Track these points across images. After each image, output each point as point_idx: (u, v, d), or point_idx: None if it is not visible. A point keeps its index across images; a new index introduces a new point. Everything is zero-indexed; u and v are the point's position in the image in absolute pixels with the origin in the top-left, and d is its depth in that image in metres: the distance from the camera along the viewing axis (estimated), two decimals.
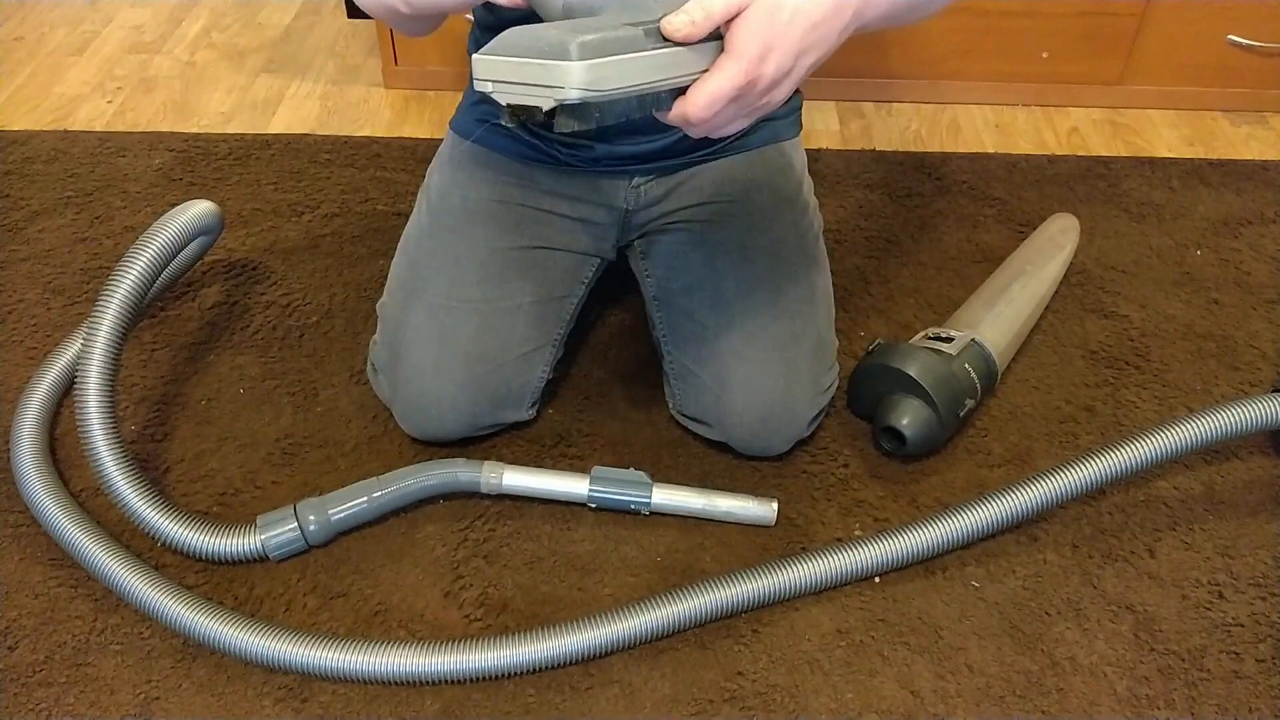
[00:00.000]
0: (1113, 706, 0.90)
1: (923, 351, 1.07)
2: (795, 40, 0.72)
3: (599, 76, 0.69)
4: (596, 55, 0.69)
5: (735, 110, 0.74)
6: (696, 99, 0.73)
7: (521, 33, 0.71)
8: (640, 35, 0.71)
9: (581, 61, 0.68)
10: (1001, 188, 1.50)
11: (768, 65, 0.72)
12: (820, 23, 0.73)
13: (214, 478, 1.07)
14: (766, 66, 0.72)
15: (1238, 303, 1.31)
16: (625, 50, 0.70)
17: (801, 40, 0.73)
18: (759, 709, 0.89)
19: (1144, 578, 1.00)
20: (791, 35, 0.72)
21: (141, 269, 1.01)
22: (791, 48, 0.72)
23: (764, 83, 0.73)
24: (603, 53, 0.69)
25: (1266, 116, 1.68)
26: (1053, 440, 1.13)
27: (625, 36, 0.70)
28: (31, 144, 1.55)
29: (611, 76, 0.70)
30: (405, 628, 0.94)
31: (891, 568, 0.98)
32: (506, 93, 0.72)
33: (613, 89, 0.70)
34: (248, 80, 1.74)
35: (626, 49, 0.70)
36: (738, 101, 0.73)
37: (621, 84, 0.70)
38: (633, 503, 1.01)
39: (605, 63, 0.69)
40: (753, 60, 0.71)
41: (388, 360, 1.07)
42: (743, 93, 0.73)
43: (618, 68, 0.70)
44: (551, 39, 0.69)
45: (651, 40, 0.72)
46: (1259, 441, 1.13)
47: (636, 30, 0.71)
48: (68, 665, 0.91)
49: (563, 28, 0.71)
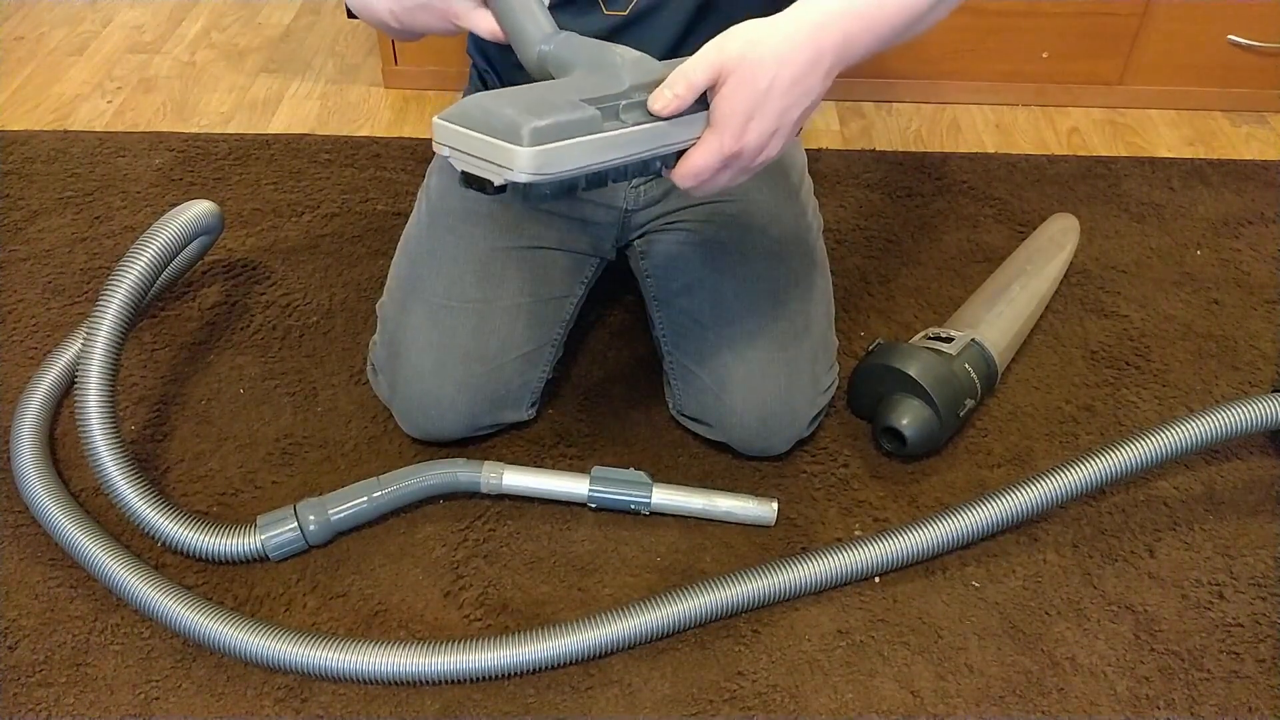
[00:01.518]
0: (1113, 706, 0.90)
1: (923, 351, 1.07)
2: (776, 103, 0.73)
3: (548, 161, 0.70)
4: (548, 140, 0.69)
5: (731, 175, 0.77)
6: (684, 172, 0.76)
7: (483, 103, 0.72)
8: (597, 117, 0.71)
9: (531, 147, 0.69)
10: (1001, 188, 1.50)
11: (751, 133, 0.74)
12: (800, 78, 0.74)
13: (214, 478, 1.07)
14: (750, 135, 0.74)
15: (1238, 303, 1.31)
16: (580, 133, 0.71)
17: (783, 100, 0.74)
18: (759, 709, 0.89)
19: (1144, 578, 1.00)
20: (772, 99, 0.73)
21: (142, 269, 1.01)
22: (774, 110, 0.74)
23: (751, 148, 0.75)
24: (555, 137, 0.70)
25: (1266, 116, 1.68)
26: (1053, 440, 1.13)
27: (582, 119, 0.71)
28: (31, 144, 1.55)
29: (563, 159, 0.70)
30: (405, 628, 0.94)
31: (891, 568, 0.98)
32: (460, 160, 0.73)
33: (564, 171, 0.71)
34: (247, 80, 1.74)
35: (581, 131, 0.71)
36: (730, 168, 0.76)
37: (574, 165, 0.71)
38: (633, 503, 1.01)
39: (556, 148, 0.70)
40: (734, 133, 0.73)
41: (387, 360, 1.07)
42: (730, 161, 0.75)
43: (571, 151, 0.71)
44: (506, 118, 0.69)
45: (611, 119, 0.72)
46: (1259, 441, 1.13)
47: (594, 112, 0.71)
48: (68, 665, 0.91)
49: (521, 104, 0.71)
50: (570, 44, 0.79)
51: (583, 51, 0.78)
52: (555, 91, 0.74)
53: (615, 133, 0.72)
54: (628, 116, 0.73)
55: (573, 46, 0.78)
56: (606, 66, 0.75)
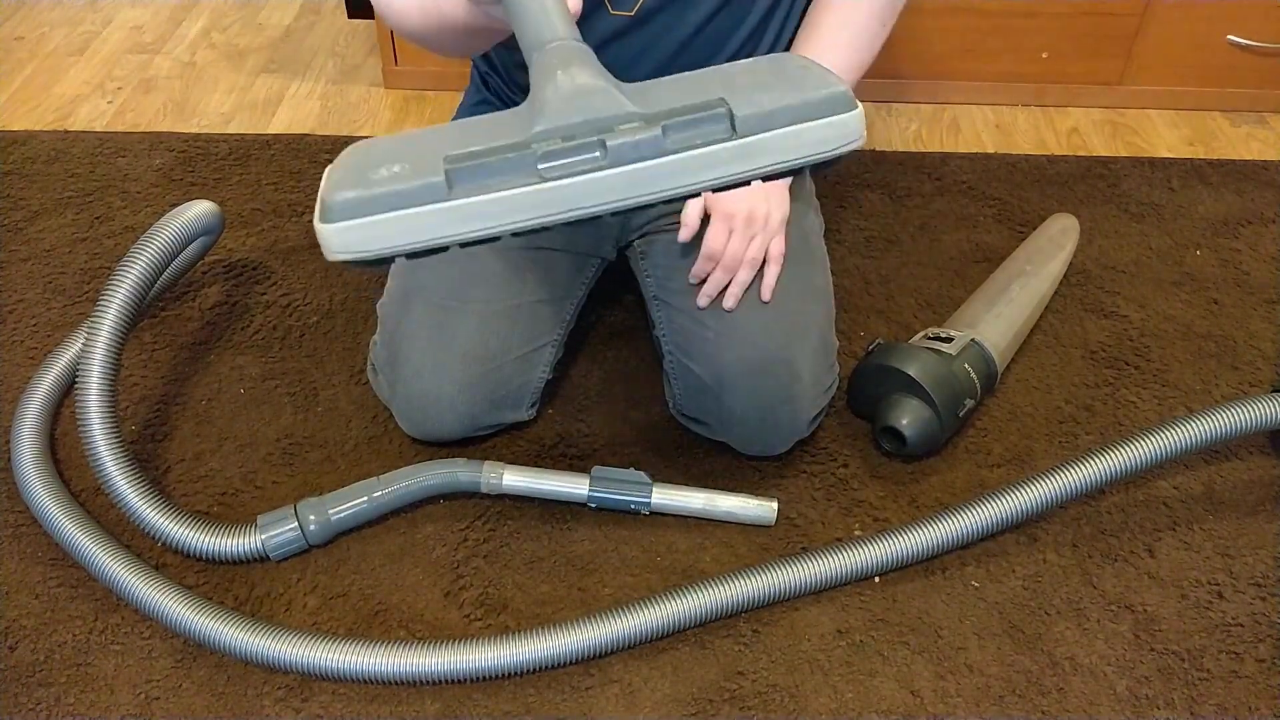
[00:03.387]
0: (1113, 706, 0.90)
1: (923, 351, 1.07)
2: (744, 236, 0.97)
3: (361, 240, 0.57)
4: (360, 214, 0.56)
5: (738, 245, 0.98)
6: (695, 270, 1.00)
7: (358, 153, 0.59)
8: (440, 184, 0.56)
9: (332, 224, 0.56)
10: (1001, 188, 1.50)
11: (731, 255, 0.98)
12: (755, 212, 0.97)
13: (214, 478, 1.07)
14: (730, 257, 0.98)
15: (1238, 303, 1.31)
16: (412, 204, 0.56)
17: (747, 233, 0.98)
18: (759, 709, 0.89)
19: (1144, 578, 1.00)
20: (742, 239, 0.97)
21: (142, 269, 1.01)
22: (744, 238, 0.98)
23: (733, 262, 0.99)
24: (371, 210, 0.56)
25: (1266, 116, 1.68)
26: (1053, 440, 1.13)
27: (414, 187, 0.56)
28: (31, 144, 1.55)
29: (385, 237, 0.57)
30: (405, 628, 0.94)
31: (891, 568, 0.98)
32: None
33: (394, 249, 0.57)
34: (248, 80, 1.74)
35: (414, 201, 0.56)
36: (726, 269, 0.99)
37: (408, 242, 0.57)
38: (633, 503, 1.01)
39: (371, 222, 0.56)
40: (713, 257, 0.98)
41: (387, 360, 1.07)
42: (726, 268, 0.99)
43: (396, 226, 0.56)
44: (329, 182, 0.57)
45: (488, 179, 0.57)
46: (1259, 441, 1.13)
47: (438, 178, 0.56)
48: (68, 665, 0.91)
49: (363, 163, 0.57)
50: (552, 56, 0.61)
51: (548, 67, 0.61)
52: (433, 141, 0.59)
53: (464, 201, 0.56)
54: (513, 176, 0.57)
55: (548, 60, 0.61)
56: (539, 99, 0.59)
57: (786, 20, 1.00)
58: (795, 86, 0.59)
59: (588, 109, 0.58)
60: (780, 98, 0.59)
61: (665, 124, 0.57)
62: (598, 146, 0.57)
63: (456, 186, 0.56)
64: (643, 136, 0.57)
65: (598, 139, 0.57)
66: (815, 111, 0.59)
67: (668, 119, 0.58)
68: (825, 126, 0.59)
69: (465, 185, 0.56)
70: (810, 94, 0.59)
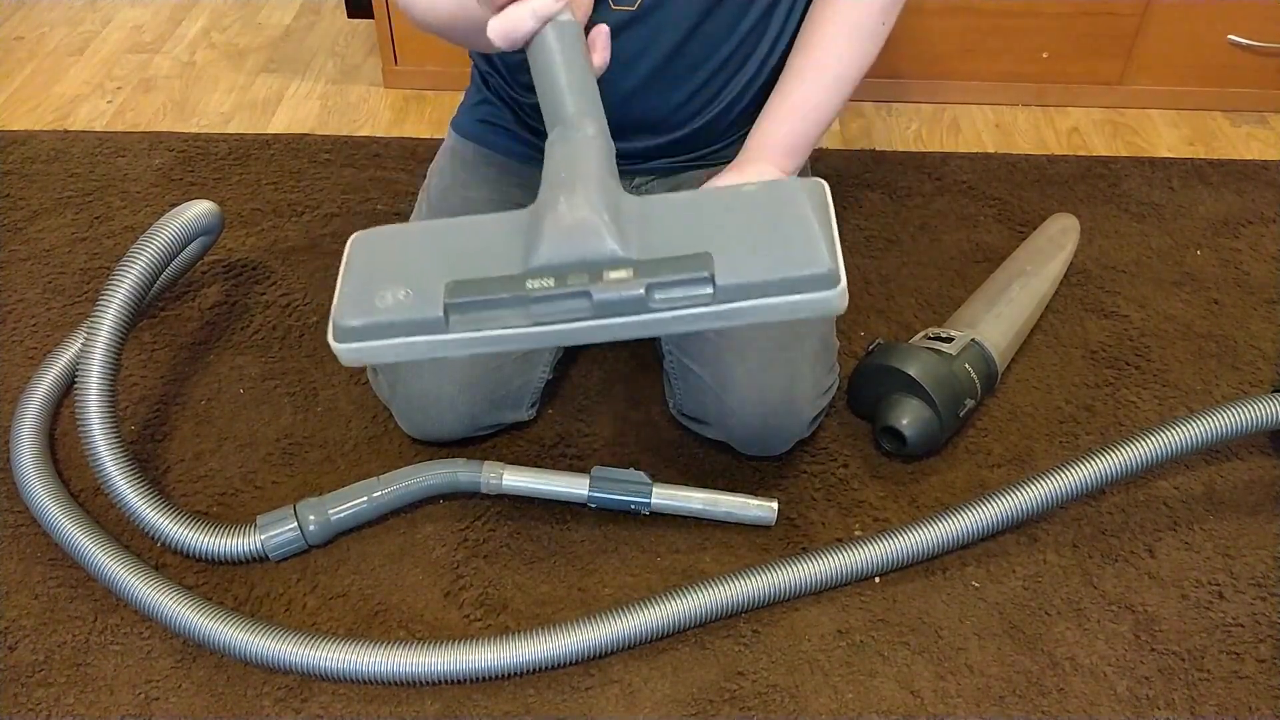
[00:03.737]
0: (1113, 706, 0.90)
1: (923, 351, 1.07)
2: None
3: (365, 356, 0.63)
4: (363, 339, 0.61)
5: None
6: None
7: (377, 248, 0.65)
8: (439, 320, 0.61)
9: (340, 344, 0.62)
10: (1001, 188, 1.50)
11: None
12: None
13: (214, 478, 1.07)
14: None
15: (1238, 303, 1.31)
16: (411, 333, 0.61)
17: None
18: (759, 709, 0.89)
19: (1144, 578, 1.00)
20: None
21: (142, 269, 1.01)
22: None
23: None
24: (374, 336, 0.61)
25: (1266, 116, 1.68)
26: (1053, 440, 1.13)
27: (415, 320, 0.61)
28: (31, 144, 1.55)
29: (385, 354, 0.62)
30: (405, 628, 0.94)
31: (891, 568, 0.98)
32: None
33: (393, 361, 0.63)
34: (248, 80, 1.74)
35: (413, 331, 0.61)
36: None
37: (405, 358, 0.63)
38: (633, 503, 1.01)
39: (373, 347, 0.62)
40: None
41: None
42: None
43: (395, 349, 0.62)
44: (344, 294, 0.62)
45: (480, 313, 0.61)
46: (1259, 441, 1.12)
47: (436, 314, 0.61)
48: (68, 665, 0.91)
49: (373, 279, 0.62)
50: (562, 153, 0.65)
51: (555, 175, 0.64)
52: (436, 251, 0.64)
53: (459, 336, 0.61)
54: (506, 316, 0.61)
55: (557, 162, 0.65)
56: (540, 227, 0.62)
57: (788, 18, 1.00)
58: (784, 254, 0.61)
59: (581, 249, 0.61)
60: (765, 268, 0.61)
61: (650, 282, 0.61)
62: (585, 298, 0.61)
63: (454, 320, 0.61)
64: (627, 294, 0.61)
65: (585, 290, 0.61)
66: (796, 287, 0.61)
67: (653, 275, 0.61)
68: (805, 301, 0.61)
69: (462, 319, 0.61)
70: (795, 270, 0.61)
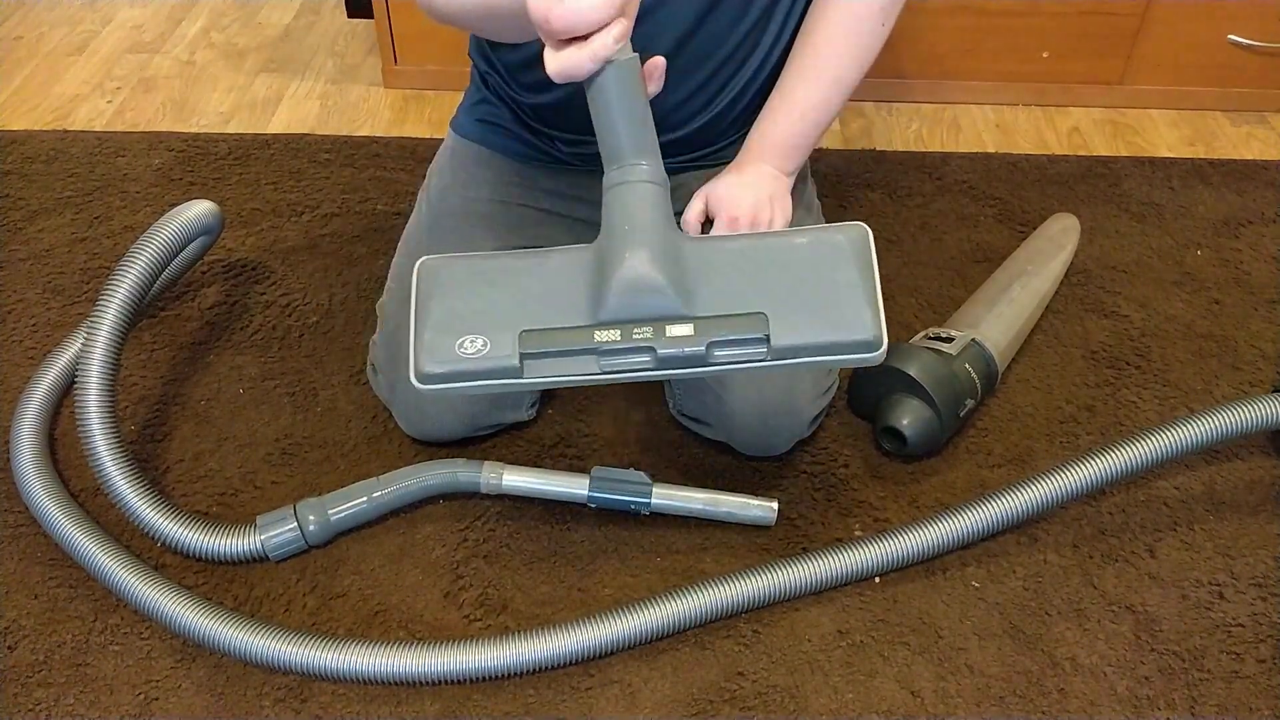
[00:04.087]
0: (1113, 706, 0.90)
1: (923, 351, 1.07)
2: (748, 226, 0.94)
3: (446, 392, 0.69)
4: (444, 382, 0.68)
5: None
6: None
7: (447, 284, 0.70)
8: (514, 368, 0.68)
9: (422, 386, 0.69)
10: (1002, 187, 1.50)
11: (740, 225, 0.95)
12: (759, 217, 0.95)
13: (213, 478, 1.07)
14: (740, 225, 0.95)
15: (1238, 303, 1.31)
16: (488, 378, 0.68)
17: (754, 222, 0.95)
18: (759, 709, 0.89)
19: (1144, 578, 1.00)
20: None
21: (141, 269, 1.01)
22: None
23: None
24: (455, 379, 0.68)
25: (1266, 116, 1.68)
26: (1053, 440, 1.13)
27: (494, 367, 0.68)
28: (31, 144, 1.55)
29: (465, 391, 0.69)
30: (405, 628, 0.94)
31: (891, 568, 0.98)
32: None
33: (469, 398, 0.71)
34: (247, 80, 1.74)
35: (491, 376, 0.68)
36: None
37: (481, 394, 0.71)
38: (633, 503, 1.01)
39: (453, 389, 0.69)
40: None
41: (387, 360, 1.07)
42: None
43: (472, 390, 0.69)
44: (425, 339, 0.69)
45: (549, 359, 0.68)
46: (1259, 441, 1.12)
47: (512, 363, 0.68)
48: (68, 665, 0.91)
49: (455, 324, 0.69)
50: (625, 200, 0.68)
51: (619, 225, 0.68)
52: (510, 294, 0.70)
53: (532, 380, 0.69)
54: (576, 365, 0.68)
55: (620, 209, 0.68)
56: (608, 272, 0.68)
57: (787, 18, 1.00)
58: (834, 318, 0.68)
59: (646, 306, 0.67)
60: (815, 331, 0.68)
61: (710, 340, 0.67)
62: (650, 353, 0.68)
63: (528, 368, 0.68)
64: (689, 351, 0.67)
65: (650, 345, 0.67)
66: (844, 350, 0.68)
67: (713, 334, 0.67)
68: (848, 360, 0.69)
69: (535, 366, 0.68)
70: (844, 335, 0.68)
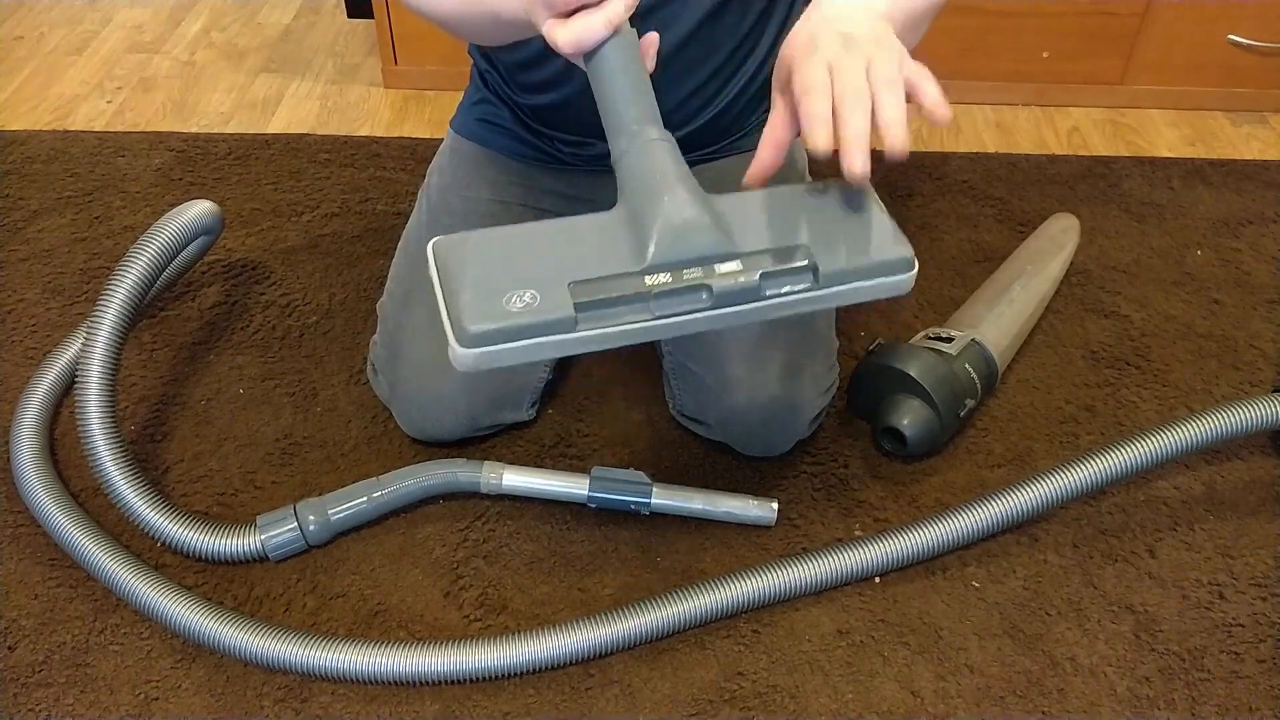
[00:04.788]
0: (1113, 707, 0.90)
1: (923, 351, 1.07)
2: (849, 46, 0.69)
3: (492, 359, 0.64)
4: (493, 343, 0.63)
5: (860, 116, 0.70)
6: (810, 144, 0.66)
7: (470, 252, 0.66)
8: (570, 319, 0.63)
9: (469, 349, 0.63)
10: (1002, 187, 1.50)
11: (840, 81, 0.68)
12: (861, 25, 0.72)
13: (213, 478, 1.07)
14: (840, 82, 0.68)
15: (1238, 303, 1.31)
16: (541, 334, 0.63)
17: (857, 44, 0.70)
18: (759, 709, 0.89)
19: (1144, 578, 1.00)
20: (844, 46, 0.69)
21: (142, 269, 1.01)
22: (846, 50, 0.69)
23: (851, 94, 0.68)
24: (504, 339, 0.63)
25: (1267, 116, 1.68)
26: (1053, 440, 1.13)
27: (547, 321, 0.63)
28: (31, 144, 1.55)
29: (515, 356, 0.64)
30: (405, 628, 0.94)
31: (892, 568, 0.98)
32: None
33: (519, 362, 0.65)
34: (247, 80, 1.74)
35: (543, 332, 0.63)
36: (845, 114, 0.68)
37: (531, 359, 0.65)
38: (633, 503, 1.01)
39: (502, 350, 0.63)
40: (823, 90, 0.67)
41: (387, 360, 1.07)
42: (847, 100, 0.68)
43: (525, 350, 0.64)
44: (464, 301, 0.63)
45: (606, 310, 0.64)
46: (1259, 441, 1.12)
47: (567, 313, 0.63)
48: (68, 665, 0.91)
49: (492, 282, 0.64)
50: (643, 160, 0.67)
51: (645, 179, 0.66)
52: (550, 254, 0.66)
53: (588, 333, 0.64)
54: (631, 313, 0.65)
55: (641, 167, 0.66)
56: (649, 226, 0.65)
57: (788, 18, 1.00)
58: (869, 243, 0.69)
59: (695, 246, 0.65)
60: (858, 255, 0.68)
61: (763, 272, 0.65)
62: (705, 290, 0.65)
63: (582, 320, 0.64)
64: (744, 282, 0.65)
65: (704, 283, 0.65)
66: (884, 270, 0.69)
67: (766, 267, 0.66)
68: (888, 283, 0.69)
69: (589, 318, 0.64)
70: (882, 255, 0.68)
